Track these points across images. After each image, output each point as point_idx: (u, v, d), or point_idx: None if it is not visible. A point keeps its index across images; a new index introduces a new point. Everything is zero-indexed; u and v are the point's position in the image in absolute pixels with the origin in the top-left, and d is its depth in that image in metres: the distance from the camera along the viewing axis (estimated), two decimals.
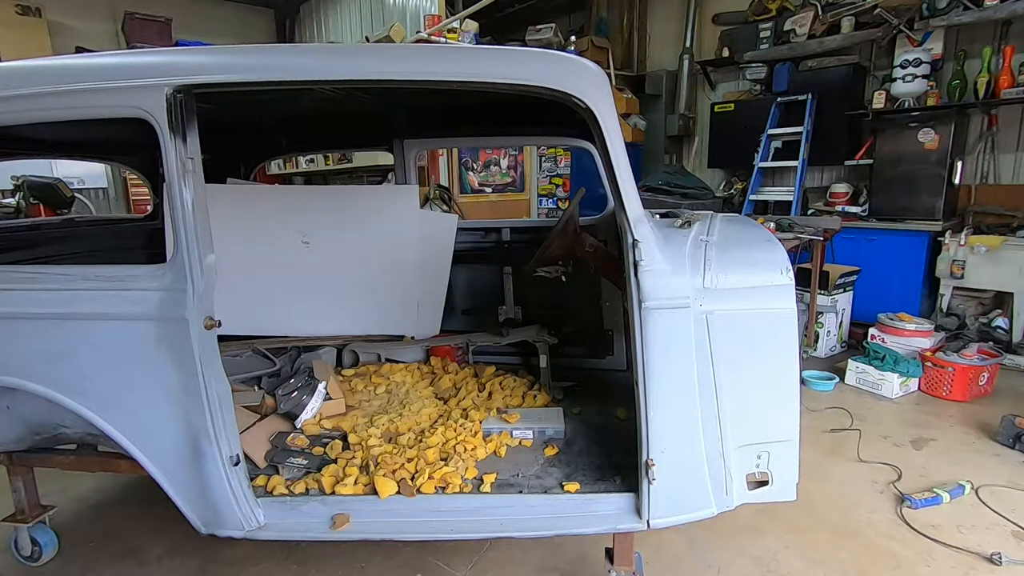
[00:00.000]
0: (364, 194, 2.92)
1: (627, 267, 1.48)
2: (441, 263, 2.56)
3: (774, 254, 1.57)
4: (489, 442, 1.90)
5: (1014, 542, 2.05)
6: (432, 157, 5.41)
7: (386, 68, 1.37)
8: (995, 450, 2.70)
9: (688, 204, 4.80)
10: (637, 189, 1.52)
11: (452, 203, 3.97)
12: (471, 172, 6.03)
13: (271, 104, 2.11)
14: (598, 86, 1.40)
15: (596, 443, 1.91)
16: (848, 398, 3.32)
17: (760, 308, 1.49)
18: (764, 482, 1.55)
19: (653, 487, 1.48)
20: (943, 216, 4.15)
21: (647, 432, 1.47)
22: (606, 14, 6.26)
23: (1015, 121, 4.15)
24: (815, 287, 3.86)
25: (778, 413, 1.52)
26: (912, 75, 4.17)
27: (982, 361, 3.24)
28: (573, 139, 2.57)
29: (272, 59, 1.42)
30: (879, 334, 3.71)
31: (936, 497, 2.25)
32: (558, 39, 5.74)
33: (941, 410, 3.15)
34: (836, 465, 2.60)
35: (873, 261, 4.30)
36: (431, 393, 2.32)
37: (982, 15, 3.88)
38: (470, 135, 2.75)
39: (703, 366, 1.47)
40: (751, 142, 5.09)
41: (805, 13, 4.74)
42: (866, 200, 4.62)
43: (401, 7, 6.22)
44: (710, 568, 1.94)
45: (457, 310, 2.83)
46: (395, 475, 1.67)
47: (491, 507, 1.60)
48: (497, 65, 1.36)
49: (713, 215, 2.03)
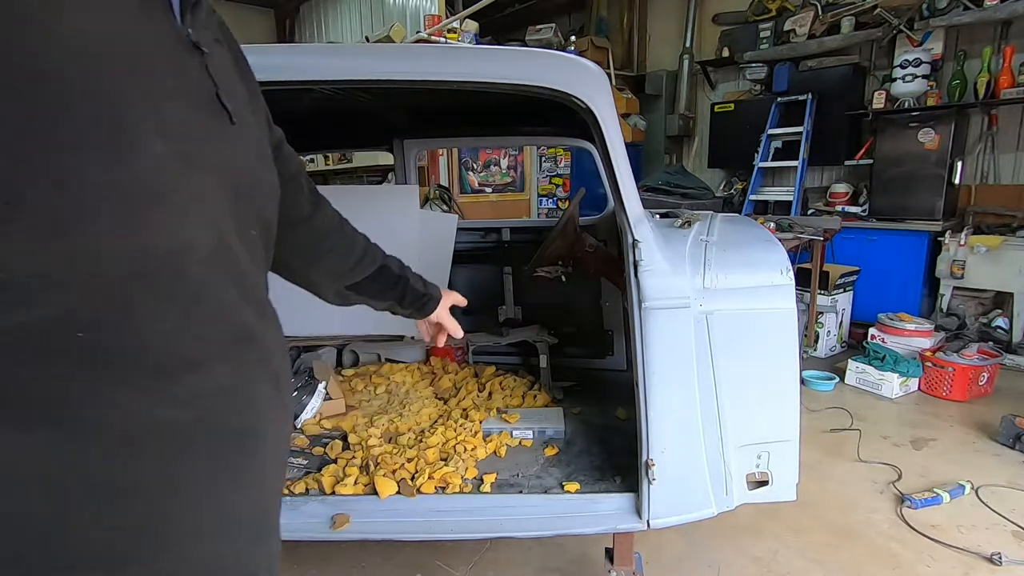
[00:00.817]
0: (364, 194, 2.92)
1: (627, 267, 1.48)
2: (441, 263, 2.56)
3: (774, 254, 1.56)
4: (489, 442, 1.90)
5: (1014, 542, 2.05)
6: (432, 157, 5.41)
7: (386, 68, 1.37)
8: (995, 450, 2.70)
9: (688, 204, 4.80)
10: (637, 189, 1.52)
11: (452, 203, 3.96)
12: (471, 172, 6.04)
13: (270, 104, 2.10)
14: (598, 86, 1.40)
15: (596, 443, 1.91)
16: (848, 398, 3.32)
17: (760, 308, 1.49)
18: (764, 482, 1.55)
19: (653, 487, 1.48)
20: (943, 216, 4.14)
21: (647, 432, 1.47)
22: (606, 14, 6.26)
23: (1015, 121, 4.15)
24: (815, 287, 3.86)
25: (778, 413, 1.52)
26: (912, 75, 4.17)
27: (982, 361, 3.24)
28: (573, 139, 2.57)
29: (272, 59, 1.41)
30: (879, 334, 3.71)
31: (936, 497, 2.25)
32: (558, 39, 5.74)
33: (941, 410, 3.15)
34: (836, 465, 2.60)
35: (873, 261, 4.30)
36: (431, 393, 2.32)
37: (982, 15, 3.88)
38: (470, 135, 2.75)
39: (703, 366, 1.47)
40: (751, 142, 5.08)
41: (805, 13, 4.74)
42: (866, 200, 4.62)
43: (401, 7, 6.23)
44: (710, 568, 1.94)
45: (457, 310, 2.82)
46: (395, 475, 1.67)
47: (491, 507, 1.60)
48: (497, 65, 1.36)
49: (713, 215, 2.03)
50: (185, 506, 0.47)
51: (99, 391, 0.42)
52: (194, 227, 0.47)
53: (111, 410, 0.43)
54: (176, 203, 0.45)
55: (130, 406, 0.43)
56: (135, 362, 0.44)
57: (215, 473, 0.49)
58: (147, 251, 0.43)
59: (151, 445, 0.45)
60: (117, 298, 0.42)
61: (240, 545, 0.53)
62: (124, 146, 0.40)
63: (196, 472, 0.48)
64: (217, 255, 0.50)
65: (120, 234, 0.41)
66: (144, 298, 0.44)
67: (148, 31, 0.47)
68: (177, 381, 0.46)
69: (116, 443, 0.43)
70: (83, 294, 0.40)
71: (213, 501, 0.49)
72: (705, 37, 5.76)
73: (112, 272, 0.41)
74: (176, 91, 0.47)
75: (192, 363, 0.47)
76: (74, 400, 0.41)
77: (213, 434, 0.49)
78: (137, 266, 0.42)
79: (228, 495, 0.51)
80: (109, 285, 0.41)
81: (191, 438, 0.47)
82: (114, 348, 0.43)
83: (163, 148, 0.43)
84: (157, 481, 0.45)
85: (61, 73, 0.38)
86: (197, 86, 0.51)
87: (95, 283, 0.41)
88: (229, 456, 0.50)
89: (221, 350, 0.50)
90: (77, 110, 0.39)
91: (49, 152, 0.37)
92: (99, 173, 0.39)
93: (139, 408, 0.44)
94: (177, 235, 0.45)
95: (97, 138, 0.39)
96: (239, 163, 0.54)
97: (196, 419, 0.47)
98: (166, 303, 0.45)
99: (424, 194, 3.79)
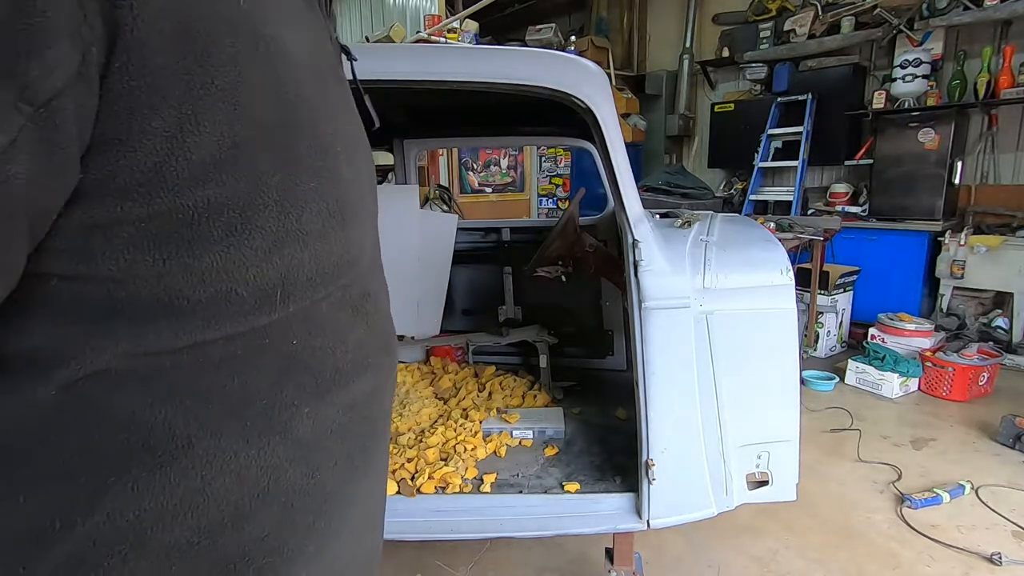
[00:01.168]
0: None
1: (627, 267, 1.48)
2: (441, 263, 2.56)
3: (774, 254, 1.56)
4: (489, 442, 1.90)
5: (1014, 542, 2.05)
6: (432, 157, 5.41)
7: (386, 68, 1.37)
8: (995, 450, 2.70)
9: (688, 204, 4.80)
10: (637, 189, 1.52)
11: (452, 203, 3.96)
12: (471, 172, 6.04)
13: None
14: (598, 86, 1.40)
15: (596, 443, 1.91)
16: (848, 398, 3.32)
17: (760, 308, 1.49)
18: (764, 482, 1.55)
19: (653, 487, 1.48)
20: (943, 216, 4.14)
21: (647, 432, 1.47)
22: (606, 14, 6.26)
23: (1015, 121, 4.15)
24: (815, 287, 3.86)
25: (778, 413, 1.52)
26: (912, 75, 4.17)
27: (982, 361, 3.24)
28: (573, 139, 2.57)
29: None
30: (879, 334, 3.70)
31: (936, 497, 2.25)
32: (558, 39, 5.74)
33: (941, 410, 3.15)
34: (836, 465, 2.60)
35: (873, 261, 4.30)
36: (431, 393, 2.32)
37: (982, 15, 3.88)
38: (470, 135, 2.75)
39: (703, 366, 1.47)
40: (751, 142, 5.08)
41: (805, 13, 4.74)
42: (866, 200, 4.62)
43: (401, 7, 6.23)
44: (710, 568, 1.94)
45: (457, 310, 2.83)
46: (395, 475, 1.67)
47: (491, 507, 1.60)
48: (497, 65, 1.36)
49: (713, 215, 2.03)
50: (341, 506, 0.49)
51: (305, 400, 0.43)
52: (362, 238, 0.48)
53: (311, 418, 0.44)
54: (358, 218, 0.46)
55: (320, 412, 0.45)
56: (320, 369, 0.45)
57: (360, 474, 0.51)
58: (331, 263, 0.44)
59: (326, 451, 0.46)
60: (312, 309, 0.43)
61: (369, 541, 0.55)
62: (327, 170, 0.42)
63: (350, 474, 0.49)
64: (374, 264, 0.52)
65: (319, 248, 0.42)
66: (330, 308, 0.45)
67: (321, 36, 0.47)
68: (346, 388, 0.47)
69: (306, 449, 0.44)
70: (295, 306, 0.41)
71: (362, 500, 0.51)
72: (705, 37, 5.76)
73: (312, 284, 0.42)
74: (344, 104, 0.48)
75: (357, 369, 0.48)
76: (288, 409, 0.42)
77: (362, 437, 0.51)
78: (326, 278, 0.43)
79: (366, 494, 0.53)
80: (310, 296, 0.43)
81: (349, 441, 0.49)
82: (312, 357, 0.44)
83: (346, 166, 0.44)
84: (332, 487, 0.47)
85: (289, 98, 0.39)
86: (347, 94, 0.51)
87: (301, 293, 0.42)
88: (369, 460, 0.52)
89: (375, 358, 0.51)
90: (302, 135, 0.39)
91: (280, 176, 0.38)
92: (311, 194, 0.40)
93: (325, 414, 0.45)
94: (350, 250, 0.46)
95: (311, 162, 0.40)
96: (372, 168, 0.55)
97: (351, 422, 0.49)
98: (346, 312, 0.47)
99: (424, 194, 3.79)
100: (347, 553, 0.50)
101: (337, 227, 0.43)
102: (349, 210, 0.44)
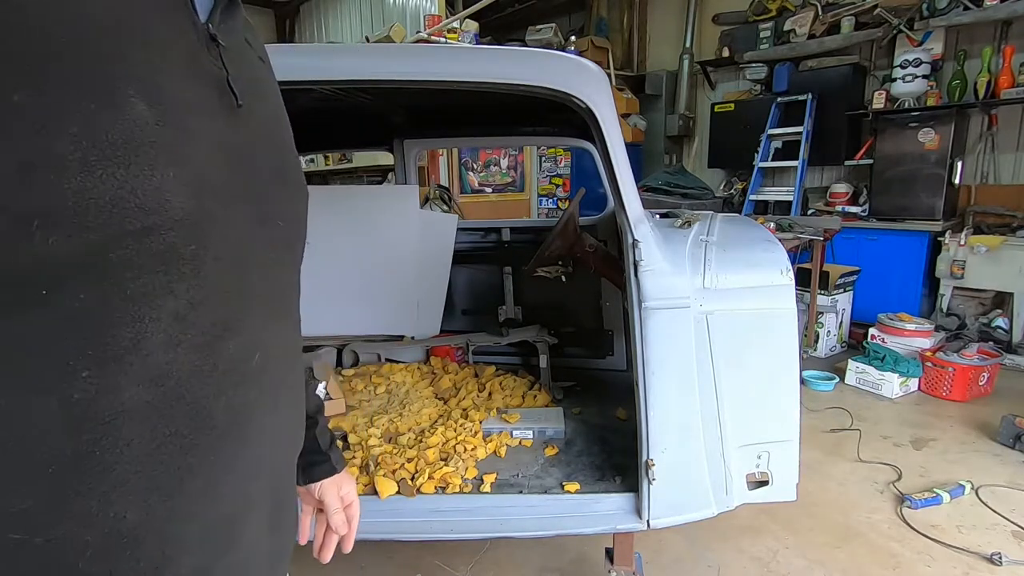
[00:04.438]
0: (364, 194, 2.92)
1: (627, 267, 1.48)
2: (441, 263, 2.56)
3: (774, 254, 1.57)
4: (489, 442, 1.90)
5: (1014, 542, 2.05)
6: (432, 157, 5.42)
7: (387, 68, 1.37)
8: (995, 450, 2.70)
9: (688, 204, 4.81)
10: (637, 189, 1.52)
11: (452, 203, 3.96)
12: (471, 172, 6.04)
13: None
14: (598, 86, 1.40)
15: (596, 443, 1.91)
16: (848, 398, 3.32)
17: (760, 308, 1.49)
18: (764, 482, 1.55)
19: (653, 487, 1.48)
20: (943, 216, 4.14)
21: (647, 432, 1.47)
22: (606, 14, 6.26)
23: (1015, 121, 4.15)
24: (815, 287, 3.86)
25: (778, 413, 1.52)
26: (912, 75, 4.17)
27: (982, 361, 3.24)
28: (573, 139, 2.57)
29: (272, 59, 1.41)
30: (879, 334, 3.71)
31: (936, 497, 2.25)
32: (558, 39, 5.74)
33: (941, 410, 3.15)
34: (836, 465, 2.60)
35: (873, 261, 4.30)
36: (431, 393, 2.32)
37: (982, 15, 3.88)
38: (470, 135, 2.75)
39: (703, 366, 1.47)
40: (751, 142, 5.08)
41: (805, 13, 4.74)
42: (866, 200, 4.62)
43: (401, 7, 6.23)
44: (710, 568, 1.94)
45: (457, 310, 2.83)
46: (395, 475, 1.67)
47: (491, 507, 1.60)
48: (497, 65, 1.36)
49: (713, 215, 2.03)
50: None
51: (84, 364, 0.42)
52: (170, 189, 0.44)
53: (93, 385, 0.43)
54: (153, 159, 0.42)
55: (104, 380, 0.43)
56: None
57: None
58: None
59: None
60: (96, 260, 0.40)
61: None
62: (104, 102, 0.39)
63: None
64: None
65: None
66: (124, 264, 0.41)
67: (163, 17, 0.46)
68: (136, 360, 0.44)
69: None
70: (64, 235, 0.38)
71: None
72: (705, 37, 5.76)
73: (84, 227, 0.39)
74: (181, 70, 0.46)
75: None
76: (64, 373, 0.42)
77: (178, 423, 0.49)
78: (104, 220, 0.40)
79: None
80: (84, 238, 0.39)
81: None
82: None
83: (144, 103, 0.41)
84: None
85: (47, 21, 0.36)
86: (206, 70, 0.49)
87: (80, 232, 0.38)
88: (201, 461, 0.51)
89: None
90: (64, 59, 0.37)
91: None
92: (81, 122, 0.38)
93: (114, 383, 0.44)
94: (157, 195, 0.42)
95: (78, 88, 0.38)
96: (250, 149, 0.54)
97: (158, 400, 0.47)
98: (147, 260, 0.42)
99: (424, 194, 3.79)
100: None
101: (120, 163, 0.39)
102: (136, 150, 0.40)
